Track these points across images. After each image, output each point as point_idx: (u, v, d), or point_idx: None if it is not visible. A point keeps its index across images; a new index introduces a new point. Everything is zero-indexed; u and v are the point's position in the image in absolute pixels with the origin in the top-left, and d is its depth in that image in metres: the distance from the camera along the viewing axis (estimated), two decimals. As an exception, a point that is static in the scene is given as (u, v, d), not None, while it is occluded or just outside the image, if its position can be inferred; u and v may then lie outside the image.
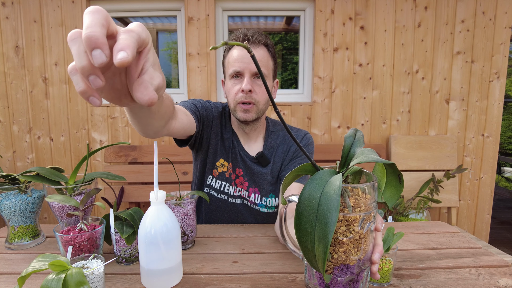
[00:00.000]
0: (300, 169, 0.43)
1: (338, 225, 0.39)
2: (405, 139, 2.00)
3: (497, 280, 0.65)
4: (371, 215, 0.40)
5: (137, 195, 1.92)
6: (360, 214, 0.39)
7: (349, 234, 0.39)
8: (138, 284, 0.64)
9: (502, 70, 2.00)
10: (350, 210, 0.38)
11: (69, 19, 1.95)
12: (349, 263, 0.40)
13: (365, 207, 0.39)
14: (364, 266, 0.41)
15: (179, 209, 0.76)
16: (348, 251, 0.40)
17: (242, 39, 0.89)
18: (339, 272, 0.41)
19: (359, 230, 0.39)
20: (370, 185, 0.40)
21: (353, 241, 0.39)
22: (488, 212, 2.12)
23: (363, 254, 0.41)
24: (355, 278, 0.41)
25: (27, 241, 0.82)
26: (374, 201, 0.41)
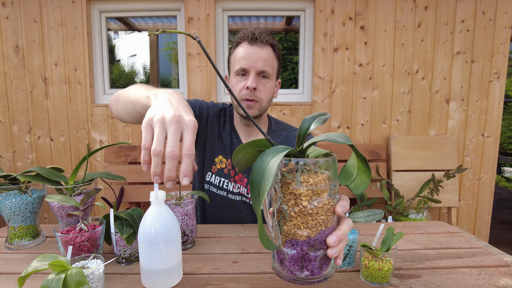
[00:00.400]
0: (257, 143, 0.45)
1: (287, 198, 0.41)
2: (405, 139, 2.00)
3: (497, 280, 0.65)
4: (323, 191, 0.40)
5: (137, 195, 1.92)
6: (307, 189, 0.40)
7: (296, 208, 0.40)
8: (138, 284, 0.64)
9: (502, 70, 2.00)
10: (298, 184, 0.40)
11: (69, 19, 1.95)
12: (299, 239, 0.41)
13: (314, 183, 0.40)
14: (317, 246, 0.41)
15: (179, 209, 0.76)
16: (297, 226, 0.41)
17: (251, 37, 0.91)
18: (289, 247, 0.42)
19: (307, 205, 0.40)
20: (322, 161, 0.41)
21: (301, 216, 0.40)
22: (488, 212, 2.12)
23: (314, 232, 0.41)
24: (306, 256, 0.41)
25: (27, 241, 0.82)
26: (329, 180, 0.41)
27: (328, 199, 0.41)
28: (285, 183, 0.41)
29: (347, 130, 2.05)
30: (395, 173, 1.98)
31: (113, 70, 2.21)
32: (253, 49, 0.91)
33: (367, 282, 0.65)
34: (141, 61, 2.30)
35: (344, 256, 0.70)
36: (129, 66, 2.29)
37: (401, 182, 1.96)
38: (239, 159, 0.46)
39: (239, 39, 0.94)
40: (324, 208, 0.41)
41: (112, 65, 2.19)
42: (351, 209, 1.94)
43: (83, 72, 1.99)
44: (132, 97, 0.72)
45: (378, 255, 0.64)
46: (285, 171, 0.41)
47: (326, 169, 0.41)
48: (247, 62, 0.91)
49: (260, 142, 0.45)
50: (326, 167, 0.41)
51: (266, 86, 0.94)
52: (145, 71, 2.33)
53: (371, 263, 0.64)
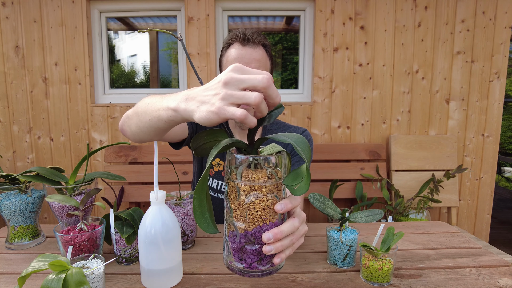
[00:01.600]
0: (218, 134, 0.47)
1: (231, 190, 0.43)
2: (405, 139, 2.00)
3: (497, 280, 0.65)
4: (261, 188, 0.41)
5: (137, 195, 1.92)
6: (245, 184, 0.41)
7: (236, 201, 0.42)
8: (138, 284, 0.64)
9: (502, 70, 2.00)
10: (238, 178, 0.42)
11: (69, 19, 1.95)
12: (238, 231, 0.43)
13: (252, 179, 0.41)
14: (253, 240, 0.42)
15: (179, 209, 0.76)
16: (236, 218, 0.42)
17: (242, 38, 0.90)
18: (230, 238, 0.44)
19: (244, 199, 0.41)
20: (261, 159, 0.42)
21: (240, 209, 0.42)
22: (488, 212, 2.12)
23: (251, 227, 0.42)
24: (244, 249, 0.42)
25: (27, 241, 0.82)
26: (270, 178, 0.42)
27: (267, 196, 0.41)
28: (231, 176, 0.43)
29: (347, 130, 2.05)
30: (395, 173, 1.98)
31: (113, 70, 2.21)
32: (246, 50, 0.90)
33: (367, 282, 0.65)
34: (141, 61, 2.30)
35: (344, 256, 0.71)
36: (129, 66, 2.29)
37: (401, 182, 1.96)
38: (199, 144, 0.47)
39: (231, 40, 0.93)
40: (261, 205, 0.41)
41: (112, 65, 2.19)
42: (351, 209, 1.94)
43: (83, 72, 1.99)
44: (147, 115, 0.60)
45: (378, 255, 0.64)
46: (233, 165, 0.42)
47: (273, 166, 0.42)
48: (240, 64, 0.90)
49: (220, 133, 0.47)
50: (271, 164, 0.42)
51: None
52: (145, 71, 2.33)
53: (371, 263, 0.64)
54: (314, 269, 0.71)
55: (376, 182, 1.94)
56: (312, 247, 0.83)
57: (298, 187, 0.41)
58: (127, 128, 0.73)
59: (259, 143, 0.45)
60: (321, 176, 1.94)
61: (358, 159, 1.99)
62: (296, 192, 0.41)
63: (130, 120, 0.70)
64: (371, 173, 1.96)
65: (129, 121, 0.70)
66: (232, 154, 0.42)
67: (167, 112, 0.51)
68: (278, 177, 0.43)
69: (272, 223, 0.43)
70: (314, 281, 0.66)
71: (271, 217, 0.42)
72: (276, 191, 0.43)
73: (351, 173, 1.97)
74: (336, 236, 0.71)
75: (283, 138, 0.40)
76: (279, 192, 0.43)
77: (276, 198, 0.43)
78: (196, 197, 0.41)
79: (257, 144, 0.45)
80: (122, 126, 0.75)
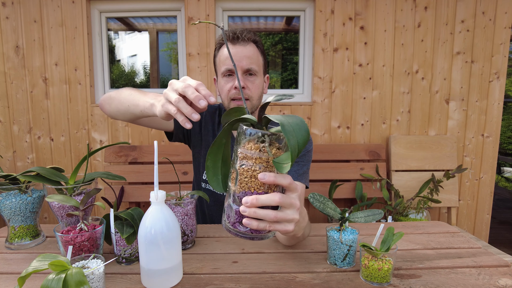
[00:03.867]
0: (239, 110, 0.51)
1: (235, 155, 0.48)
2: (405, 139, 2.00)
3: (497, 280, 0.65)
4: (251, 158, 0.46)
5: (137, 195, 1.92)
6: (241, 151, 0.46)
7: (234, 165, 0.48)
8: (138, 284, 0.64)
9: (502, 70, 2.00)
10: (238, 147, 0.47)
11: (69, 19, 1.95)
12: (230, 191, 0.48)
13: (248, 148, 0.46)
14: (237, 202, 0.47)
15: (179, 209, 0.77)
16: (232, 180, 0.48)
17: (232, 37, 0.91)
18: (227, 197, 0.50)
19: (238, 164, 0.47)
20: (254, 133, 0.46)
21: (234, 172, 0.48)
22: (488, 212, 2.12)
23: (238, 190, 0.47)
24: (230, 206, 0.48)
25: (27, 241, 0.82)
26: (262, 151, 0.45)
27: (255, 167, 0.45)
28: (237, 144, 0.48)
29: (347, 130, 2.05)
30: (395, 173, 1.98)
31: (113, 70, 2.21)
32: (236, 48, 0.91)
33: (367, 282, 0.65)
34: (141, 61, 2.30)
35: (344, 256, 0.71)
36: (129, 66, 2.30)
37: (401, 182, 1.96)
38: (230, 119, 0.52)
39: (221, 40, 0.95)
40: (249, 173, 0.46)
41: (112, 65, 2.19)
42: (351, 209, 1.94)
43: (83, 72, 1.99)
44: (128, 101, 0.81)
45: (378, 255, 0.64)
46: (240, 137, 0.47)
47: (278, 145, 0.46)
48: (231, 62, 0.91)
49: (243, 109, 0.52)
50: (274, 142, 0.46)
51: (254, 83, 0.94)
52: (145, 71, 2.33)
53: (371, 263, 0.64)
54: (314, 269, 0.71)
55: (376, 182, 1.94)
56: (312, 247, 0.83)
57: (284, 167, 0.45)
58: (107, 106, 0.91)
59: (266, 120, 0.49)
60: (321, 176, 1.94)
61: (358, 159, 1.99)
62: (280, 169, 0.45)
63: (111, 100, 0.89)
64: (371, 173, 1.96)
65: (110, 101, 0.89)
66: (241, 126, 0.47)
67: (144, 104, 0.71)
68: (271, 154, 0.46)
69: (256, 192, 0.46)
70: (314, 281, 0.66)
71: (256, 187, 0.46)
72: (266, 165, 0.46)
73: (351, 173, 1.97)
74: (336, 236, 0.71)
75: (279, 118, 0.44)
76: (270, 168, 0.46)
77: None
78: (210, 158, 0.48)
79: (264, 121, 0.49)
80: (102, 102, 0.93)
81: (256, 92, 0.95)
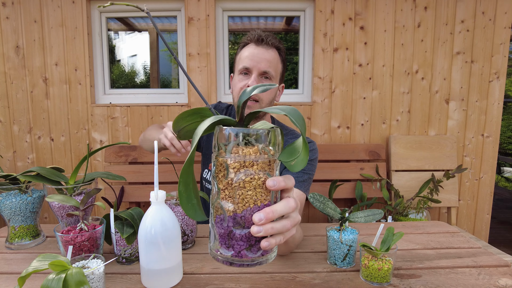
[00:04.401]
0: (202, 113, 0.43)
1: (219, 169, 0.39)
2: (405, 139, 2.00)
3: (497, 280, 0.65)
4: (252, 164, 0.38)
5: (137, 195, 1.92)
6: (235, 160, 0.37)
7: (224, 180, 0.38)
8: (138, 284, 0.64)
9: (502, 70, 2.00)
10: (227, 154, 0.38)
11: (69, 19, 1.95)
12: (226, 214, 0.38)
13: (243, 154, 0.38)
14: (243, 224, 0.38)
15: (179, 209, 0.77)
16: (224, 199, 0.38)
17: (257, 39, 0.92)
18: (218, 222, 0.39)
19: (233, 177, 0.38)
20: (254, 132, 0.38)
21: (228, 189, 0.38)
22: (488, 212, 2.12)
23: (241, 208, 0.38)
24: (232, 234, 0.39)
25: (27, 241, 0.82)
26: (262, 153, 0.38)
27: (259, 174, 0.38)
28: (219, 153, 0.39)
29: (347, 130, 2.05)
30: (395, 173, 1.98)
31: (113, 70, 2.21)
32: (258, 50, 0.92)
33: (367, 282, 0.65)
34: (141, 61, 2.30)
35: (344, 256, 0.71)
36: (129, 66, 2.30)
37: (401, 182, 1.97)
38: (182, 127, 0.43)
39: (247, 40, 0.95)
40: (252, 183, 0.38)
41: (112, 65, 2.19)
42: (351, 209, 1.94)
43: (83, 72, 1.99)
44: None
45: (378, 255, 0.64)
46: (221, 142, 0.39)
47: (264, 142, 0.39)
48: (250, 61, 0.91)
49: (204, 111, 0.43)
50: (263, 140, 0.39)
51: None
52: (145, 71, 2.33)
53: (371, 263, 0.64)
54: (314, 269, 0.71)
55: (376, 182, 1.94)
56: (312, 247, 0.83)
57: (295, 162, 0.38)
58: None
59: (249, 118, 0.42)
60: (321, 176, 1.94)
61: (358, 159, 1.99)
62: (293, 167, 0.39)
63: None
64: (371, 173, 1.96)
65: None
66: (221, 128, 0.39)
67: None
68: (270, 154, 0.39)
69: (264, 204, 0.39)
70: (314, 281, 0.66)
71: (263, 198, 0.39)
72: (269, 169, 0.39)
73: (351, 173, 1.97)
74: (336, 236, 0.71)
75: (276, 110, 0.37)
76: (272, 171, 0.40)
77: (268, 177, 0.39)
78: (182, 181, 0.37)
79: (247, 120, 0.42)
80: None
81: (267, 96, 0.95)
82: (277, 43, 0.95)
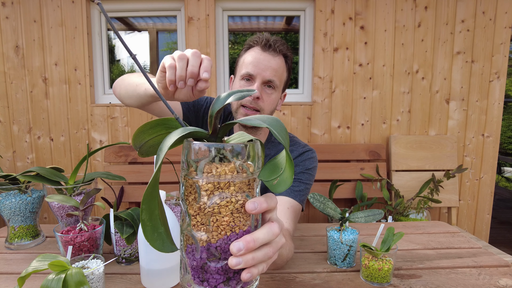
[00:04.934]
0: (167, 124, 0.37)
1: (188, 191, 0.33)
2: (405, 139, 2.00)
3: (497, 280, 0.65)
4: (228, 186, 0.32)
5: (137, 195, 1.92)
6: (208, 181, 0.32)
7: (195, 204, 0.33)
8: (138, 284, 0.64)
9: (502, 70, 2.00)
10: (199, 174, 0.32)
11: (69, 19, 1.95)
12: (198, 244, 0.33)
13: (217, 174, 0.32)
14: (218, 255, 0.33)
15: (179, 209, 0.76)
16: (196, 227, 0.33)
17: (264, 43, 0.86)
18: (189, 253, 0.34)
19: (206, 201, 0.32)
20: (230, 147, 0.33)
21: (200, 215, 0.33)
22: (488, 212, 2.12)
23: (216, 238, 0.32)
24: (206, 267, 0.33)
25: (27, 241, 0.82)
26: (240, 172, 0.33)
27: (236, 197, 0.33)
28: (189, 172, 0.33)
29: (347, 130, 2.05)
30: (395, 173, 1.97)
31: (113, 70, 2.21)
32: (264, 56, 0.86)
33: (367, 282, 0.65)
34: (141, 61, 2.30)
35: (344, 256, 0.70)
36: (129, 66, 2.29)
37: (401, 182, 1.96)
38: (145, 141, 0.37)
39: (252, 43, 0.89)
40: (229, 207, 0.32)
41: (112, 65, 2.19)
42: (351, 209, 1.94)
43: (83, 72, 1.99)
44: (136, 81, 0.77)
45: (378, 255, 0.64)
46: (191, 159, 0.33)
47: (243, 157, 0.33)
48: (255, 68, 0.85)
49: (170, 122, 0.37)
50: (241, 156, 0.33)
51: (270, 97, 0.88)
52: (145, 71, 2.33)
53: (371, 263, 0.64)
54: (314, 269, 0.71)
55: (376, 182, 1.94)
56: (312, 247, 0.83)
57: (278, 181, 0.33)
58: (117, 88, 0.87)
59: (223, 130, 0.36)
60: (321, 176, 1.94)
61: (358, 159, 1.99)
62: (276, 188, 0.33)
63: (122, 81, 0.85)
64: (371, 173, 1.96)
65: (121, 82, 0.85)
66: (190, 143, 0.33)
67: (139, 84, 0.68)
68: (250, 172, 0.34)
69: (243, 231, 0.33)
70: (314, 281, 0.66)
71: (241, 224, 0.33)
72: (248, 189, 0.34)
73: (351, 173, 1.97)
74: (336, 236, 0.71)
75: (256, 121, 0.32)
76: (252, 191, 0.34)
77: (248, 199, 0.33)
78: (145, 208, 0.31)
79: (221, 132, 0.36)
80: (115, 85, 0.89)
81: (269, 106, 0.89)
82: (285, 50, 0.89)
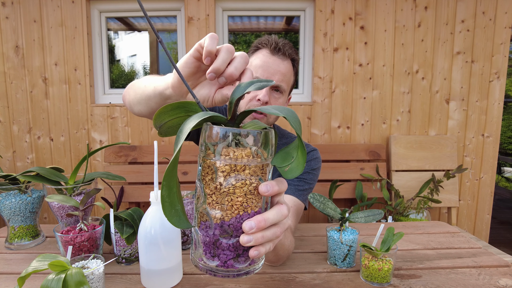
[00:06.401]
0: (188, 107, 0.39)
1: (205, 171, 0.36)
2: (405, 139, 2.00)
3: (497, 280, 0.65)
4: (243, 169, 0.35)
5: (137, 195, 1.91)
6: (225, 163, 0.34)
7: (212, 184, 0.35)
8: (138, 284, 0.64)
9: (502, 70, 2.00)
10: (217, 157, 0.35)
11: (69, 19, 1.95)
12: (212, 221, 0.35)
13: (234, 157, 0.34)
14: (231, 232, 0.35)
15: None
16: (211, 205, 0.35)
17: (273, 46, 0.85)
18: (203, 229, 0.36)
19: (223, 182, 0.34)
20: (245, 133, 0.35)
21: (216, 194, 0.35)
22: (488, 212, 2.12)
23: (229, 216, 0.35)
24: (218, 243, 0.36)
25: (27, 241, 0.82)
26: (255, 157, 0.35)
27: (251, 179, 0.35)
28: (206, 154, 0.36)
29: (347, 130, 2.05)
30: (395, 173, 1.97)
31: (113, 70, 2.21)
32: (273, 60, 0.85)
33: (367, 282, 0.65)
34: (141, 61, 2.30)
35: (344, 256, 0.70)
36: (129, 66, 2.29)
37: (401, 182, 1.96)
38: (165, 121, 0.39)
39: (260, 45, 0.87)
40: (243, 189, 0.35)
41: (112, 65, 2.19)
42: (351, 209, 1.94)
43: (83, 72, 1.99)
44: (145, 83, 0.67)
45: (378, 255, 0.64)
46: (210, 142, 0.35)
47: (257, 144, 0.36)
48: (264, 72, 0.84)
49: (190, 106, 0.38)
50: (255, 142, 0.35)
51: (278, 101, 0.88)
52: (145, 71, 2.32)
53: (371, 263, 0.64)
54: (314, 269, 0.71)
55: (376, 182, 1.94)
56: (312, 247, 0.83)
57: (289, 168, 0.36)
58: (126, 95, 0.75)
59: (241, 117, 0.38)
60: (321, 176, 1.94)
61: (358, 159, 1.99)
62: (287, 174, 0.36)
63: (131, 86, 0.74)
64: (371, 173, 1.96)
65: (130, 88, 0.74)
66: (210, 127, 0.35)
67: (158, 80, 0.56)
68: (264, 158, 0.36)
69: (254, 212, 0.36)
70: (314, 281, 0.66)
71: (254, 205, 0.36)
72: (261, 173, 0.36)
73: (351, 173, 1.97)
74: (336, 236, 0.71)
75: (273, 111, 0.35)
76: (264, 175, 0.37)
77: (261, 182, 0.36)
78: (165, 185, 0.33)
79: (239, 119, 0.38)
80: (124, 94, 0.78)
81: None
82: (294, 54, 0.88)
